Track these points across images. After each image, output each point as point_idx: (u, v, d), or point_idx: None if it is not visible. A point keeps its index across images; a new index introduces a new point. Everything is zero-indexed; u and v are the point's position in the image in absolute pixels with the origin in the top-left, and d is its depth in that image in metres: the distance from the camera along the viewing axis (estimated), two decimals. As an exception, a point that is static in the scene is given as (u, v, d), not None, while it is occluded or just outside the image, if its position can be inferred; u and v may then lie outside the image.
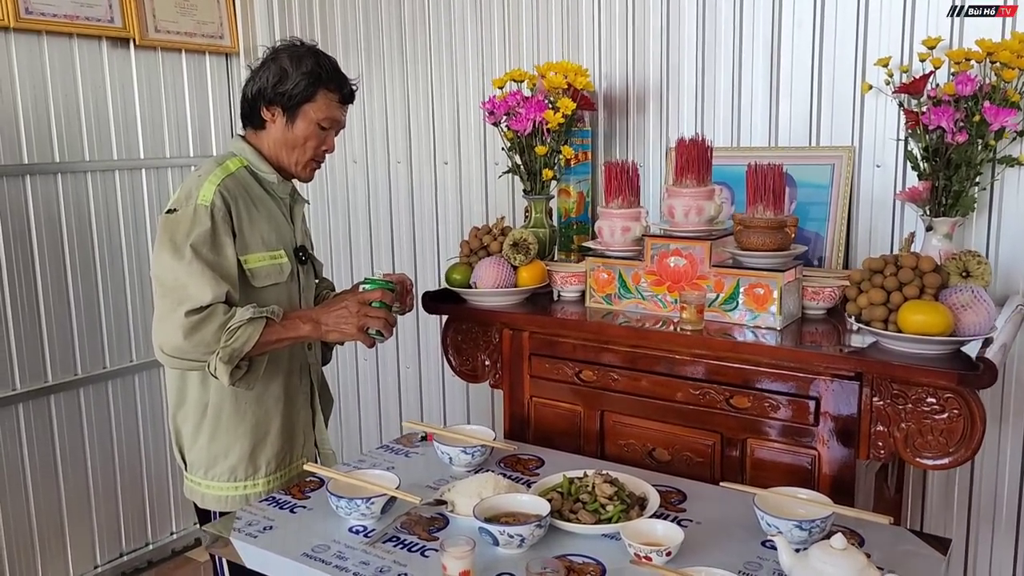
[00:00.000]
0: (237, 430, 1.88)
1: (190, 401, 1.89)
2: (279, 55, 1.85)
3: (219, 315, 1.69)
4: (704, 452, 1.89)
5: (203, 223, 1.73)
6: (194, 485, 1.93)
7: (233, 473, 1.90)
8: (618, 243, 2.06)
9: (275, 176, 1.90)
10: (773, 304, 1.84)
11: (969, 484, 2.20)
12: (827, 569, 1.28)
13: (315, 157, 1.92)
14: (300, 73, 1.82)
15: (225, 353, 1.68)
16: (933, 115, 1.89)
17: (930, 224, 1.98)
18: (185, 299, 1.69)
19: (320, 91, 1.84)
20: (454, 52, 2.88)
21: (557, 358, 2.06)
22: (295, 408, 1.97)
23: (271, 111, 1.85)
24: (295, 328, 1.77)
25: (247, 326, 1.69)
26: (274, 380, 1.90)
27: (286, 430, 1.95)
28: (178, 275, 1.71)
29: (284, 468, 1.96)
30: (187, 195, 1.78)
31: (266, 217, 1.87)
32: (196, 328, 1.67)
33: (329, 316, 1.78)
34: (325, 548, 1.51)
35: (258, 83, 1.85)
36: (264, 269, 1.84)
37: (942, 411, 1.61)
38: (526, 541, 1.46)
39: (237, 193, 1.82)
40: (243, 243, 1.80)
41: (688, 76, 2.43)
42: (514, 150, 2.37)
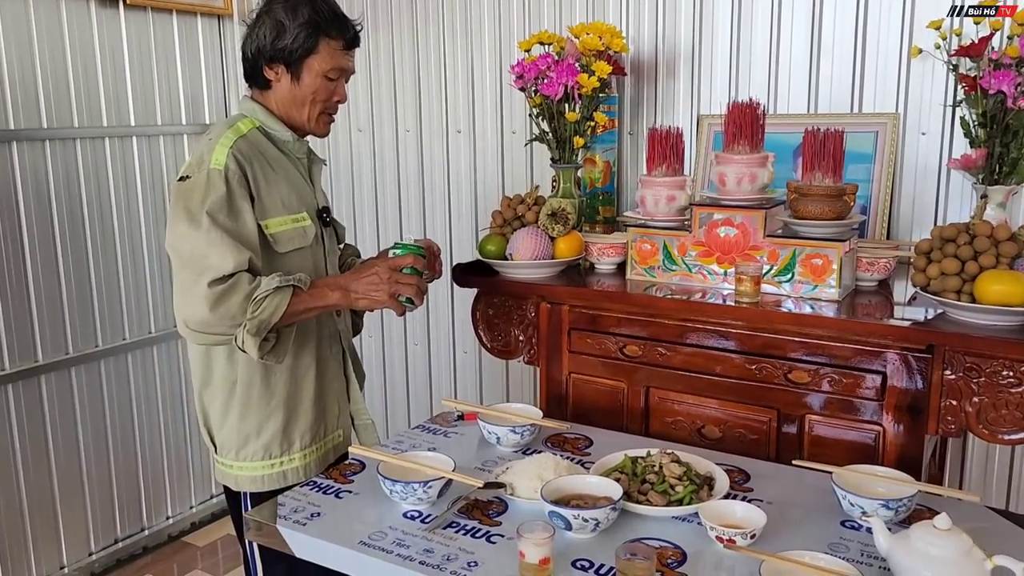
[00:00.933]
0: (269, 405, 1.78)
1: (217, 379, 1.78)
2: (273, 7, 1.73)
3: (244, 284, 1.59)
4: (759, 429, 1.82)
5: (218, 188, 1.63)
6: (226, 468, 1.82)
7: (268, 450, 1.80)
8: (662, 213, 1.97)
9: (290, 135, 1.80)
10: (832, 275, 1.77)
11: (1010, 459, 2.17)
12: (932, 551, 1.21)
13: (326, 110, 1.81)
14: (298, 24, 1.70)
15: (253, 325, 1.58)
16: (993, 79, 1.83)
17: (984, 193, 1.92)
18: (206, 269, 1.58)
19: (322, 40, 1.72)
20: (469, 12, 2.75)
21: (599, 332, 1.97)
22: (327, 378, 1.87)
23: (274, 69, 1.74)
24: (323, 296, 1.67)
25: (274, 295, 1.60)
26: (304, 350, 1.81)
27: (319, 401, 1.85)
28: (196, 245, 1.60)
29: (319, 441, 1.87)
30: (199, 160, 1.68)
31: (284, 179, 1.77)
32: (221, 299, 1.57)
33: (359, 283, 1.69)
34: (382, 535, 1.41)
35: (256, 41, 1.74)
36: (287, 233, 1.73)
37: (1018, 384, 1.56)
38: (600, 525, 1.37)
39: (252, 155, 1.71)
40: (262, 207, 1.70)
41: (722, 38, 2.34)
42: (542, 116, 2.27)
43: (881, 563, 1.29)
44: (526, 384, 2.88)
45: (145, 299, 3.05)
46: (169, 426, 3.18)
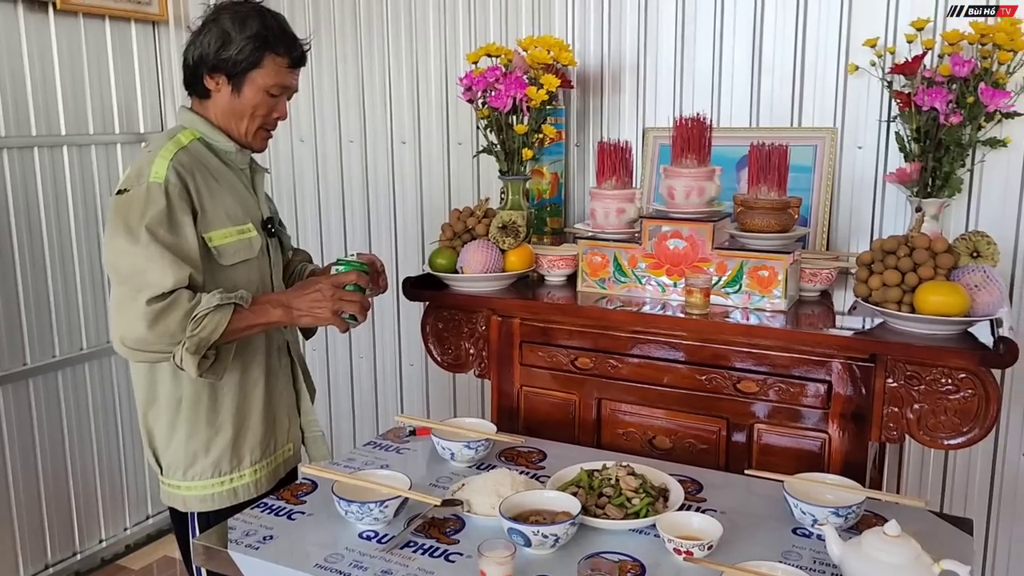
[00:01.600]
0: (216, 421, 1.74)
1: (162, 397, 1.73)
2: (220, 16, 1.70)
3: (184, 302, 1.55)
4: (709, 439, 1.84)
5: (157, 202, 1.59)
6: (172, 489, 1.77)
7: (217, 468, 1.75)
8: (612, 225, 1.99)
9: (232, 145, 1.76)
10: (778, 286, 1.81)
11: (944, 463, 2.25)
12: (882, 557, 1.24)
13: (265, 125, 1.78)
14: (244, 37, 1.67)
15: (192, 343, 1.55)
16: (927, 96, 1.90)
17: (919, 206, 1.99)
18: (145, 286, 1.54)
19: (267, 56, 1.69)
20: (414, 22, 2.74)
21: (550, 345, 1.98)
22: (277, 391, 1.84)
23: (215, 79, 1.71)
24: (265, 313, 1.64)
25: (214, 313, 1.56)
26: (253, 362, 1.77)
27: (269, 415, 1.81)
28: (135, 260, 1.56)
29: (270, 455, 1.83)
30: (138, 173, 1.63)
31: (228, 190, 1.73)
32: (160, 317, 1.53)
33: (302, 300, 1.66)
34: (339, 557, 1.38)
35: (199, 48, 1.70)
36: (232, 246, 1.70)
37: (956, 391, 1.61)
38: (560, 541, 1.37)
39: (193, 167, 1.67)
40: (206, 220, 1.66)
41: (666, 53, 2.38)
42: (490, 128, 2.27)
43: (833, 570, 1.32)
44: (473, 397, 2.87)
45: (76, 314, 2.94)
46: (102, 445, 3.07)
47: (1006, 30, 1.86)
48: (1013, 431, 2.16)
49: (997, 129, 2.00)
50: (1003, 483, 2.19)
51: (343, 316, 1.68)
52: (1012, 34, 1.86)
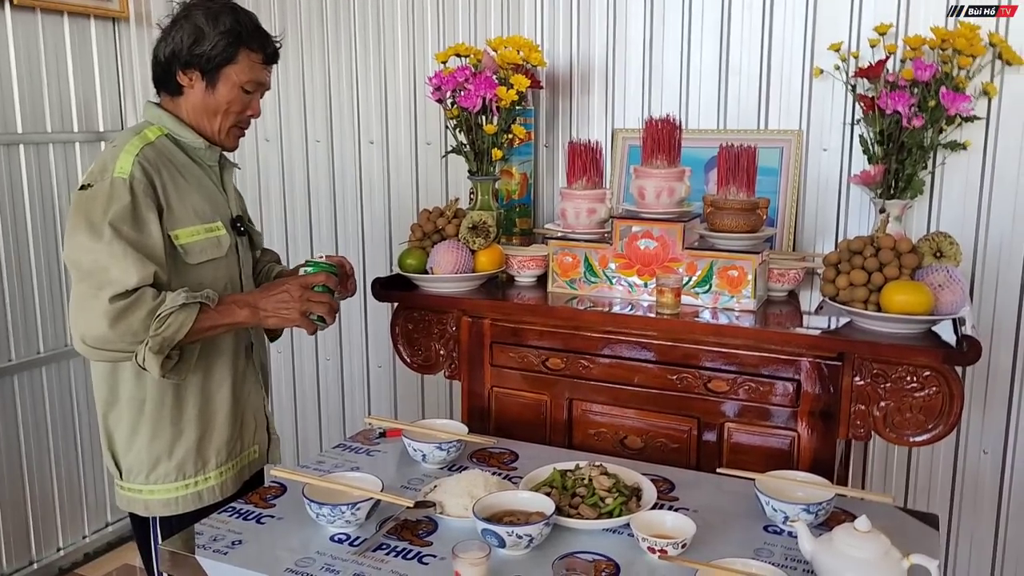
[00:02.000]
0: (181, 422, 1.71)
1: (123, 399, 1.69)
2: (192, 12, 1.68)
3: (148, 300, 1.52)
4: (680, 438, 1.85)
5: (122, 198, 1.56)
6: (133, 494, 1.73)
7: (181, 470, 1.72)
8: (583, 225, 1.99)
9: (201, 142, 1.73)
10: (748, 286, 1.82)
11: (907, 459, 2.29)
12: (853, 552, 1.25)
13: (238, 123, 1.76)
14: (218, 32, 1.66)
15: (155, 343, 1.51)
16: (890, 99, 1.93)
17: (883, 207, 2.02)
18: (107, 283, 1.51)
19: (241, 51, 1.68)
20: (382, 23, 2.72)
21: (521, 345, 1.97)
22: (245, 391, 1.81)
23: (188, 75, 1.69)
24: (231, 314, 1.61)
25: (179, 312, 1.53)
26: (218, 363, 1.74)
27: (236, 416, 1.79)
28: (97, 257, 1.53)
29: (235, 457, 1.80)
30: (102, 168, 1.61)
31: (196, 187, 1.71)
32: (122, 315, 1.50)
33: (269, 301, 1.64)
34: (310, 561, 1.36)
35: (171, 44, 1.68)
36: (199, 244, 1.67)
37: (921, 389, 1.64)
38: (534, 541, 1.37)
39: (160, 163, 1.65)
40: (172, 217, 1.63)
41: (635, 55, 2.39)
42: (460, 128, 2.26)
43: (805, 566, 1.34)
44: (442, 399, 2.86)
45: (33, 317, 2.87)
46: (60, 451, 2.99)
47: (966, 36, 1.90)
48: (974, 428, 2.21)
49: (957, 132, 2.05)
50: (964, 479, 2.24)
51: (311, 317, 1.66)
52: (971, 40, 1.90)
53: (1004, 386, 2.16)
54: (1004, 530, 2.22)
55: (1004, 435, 2.18)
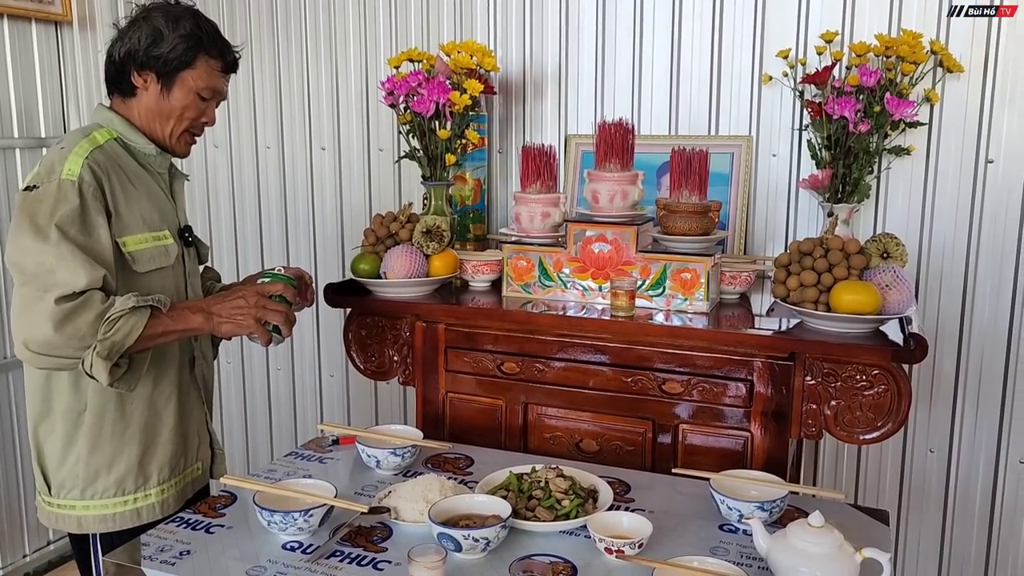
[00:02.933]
0: (124, 435, 1.65)
1: (58, 410, 1.63)
2: (152, 14, 1.65)
3: (96, 303, 1.46)
4: (635, 440, 1.85)
5: (70, 200, 1.50)
6: (63, 510, 1.66)
7: (120, 486, 1.66)
8: (537, 229, 1.99)
9: (152, 148, 1.69)
10: (701, 289, 1.84)
11: (857, 457, 2.33)
12: (808, 547, 1.26)
13: (191, 129, 1.72)
14: (177, 36, 1.63)
15: (104, 347, 1.45)
16: (837, 105, 1.97)
17: (831, 210, 2.06)
18: (54, 285, 1.45)
19: (200, 57, 1.66)
20: (333, 27, 2.69)
21: (476, 350, 1.96)
22: (189, 406, 1.76)
23: (143, 76, 1.65)
24: (184, 319, 1.56)
25: (129, 316, 1.47)
26: (165, 375, 1.69)
27: (180, 431, 1.73)
28: (43, 259, 1.47)
29: (179, 474, 1.74)
30: (49, 169, 1.55)
31: (145, 194, 1.66)
32: (69, 318, 1.44)
33: (223, 307, 1.59)
34: (261, 570, 1.33)
35: (127, 44, 1.64)
36: (147, 252, 1.62)
37: (870, 387, 1.67)
38: (491, 544, 1.35)
39: (109, 167, 1.60)
40: (120, 223, 1.58)
41: (587, 61, 2.41)
42: (413, 134, 2.24)
43: (760, 563, 1.34)
44: (395, 406, 2.82)
45: (-29, 328, 2.77)
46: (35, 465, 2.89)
47: (908, 43, 1.95)
48: (920, 427, 2.25)
49: (901, 138, 2.10)
50: (912, 476, 2.28)
51: (267, 327, 1.61)
52: (914, 47, 1.95)
53: (949, 385, 2.21)
54: (950, 525, 2.27)
55: (949, 434, 2.24)
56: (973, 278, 2.14)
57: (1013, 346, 2.14)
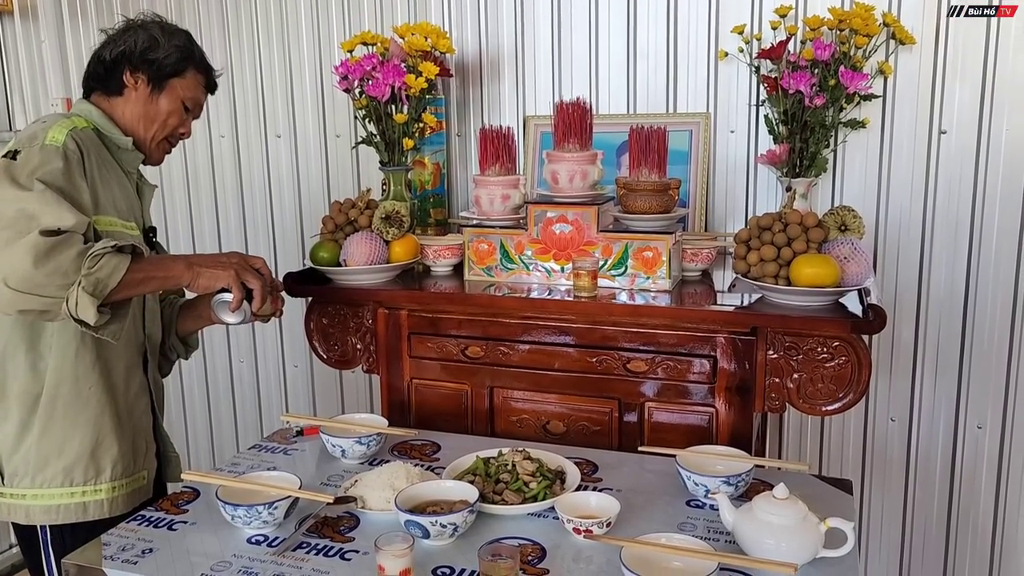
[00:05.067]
0: (77, 419, 1.61)
1: (13, 393, 1.59)
2: (147, 24, 1.71)
3: (78, 241, 1.42)
4: (601, 420, 1.86)
5: (54, 161, 1.49)
6: (14, 500, 1.62)
7: (68, 475, 1.61)
8: (498, 212, 1.98)
9: (128, 141, 1.67)
10: (662, 267, 1.84)
11: (820, 429, 2.36)
12: (773, 519, 1.28)
13: (171, 137, 1.74)
14: (172, 45, 1.68)
15: (89, 283, 1.39)
16: (792, 80, 1.98)
17: (789, 185, 2.07)
18: (37, 226, 1.39)
19: (191, 69, 1.71)
20: (284, 11, 2.64)
21: (440, 335, 1.94)
22: (139, 409, 1.72)
23: (135, 77, 1.66)
24: (165, 266, 1.54)
25: (113, 255, 1.43)
26: (119, 366, 1.66)
27: (128, 431, 1.69)
28: (24, 206, 1.41)
29: (129, 476, 1.69)
30: (31, 137, 1.53)
31: (117, 183, 1.65)
32: (51, 253, 1.38)
33: (204, 258, 1.60)
34: (226, 565, 1.31)
35: (122, 46, 1.66)
36: (117, 235, 1.58)
37: (831, 359, 1.69)
38: (459, 530, 1.35)
39: (89, 148, 1.59)
40: (96, 203, 1.56)
41: (544, 41, 2.39)
42: (369, 118, 2.21)
43: (727, 537, 1.35)
44: (361, 394, 2.80)
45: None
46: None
47: (861, 16, 1.96)
48: (881, 397, 2.29)
49: (857, 111, 2.11)
50: (874, 446, 2.32)
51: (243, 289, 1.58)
52: (867, 20, 1.96)
53: (908, 355, 2.25)
54: (912, 493, 2.31)
55: (909, 403, 2.27)
56: (929, 248, 2.18)
57: (969, 314, 2.17)
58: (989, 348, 2.17)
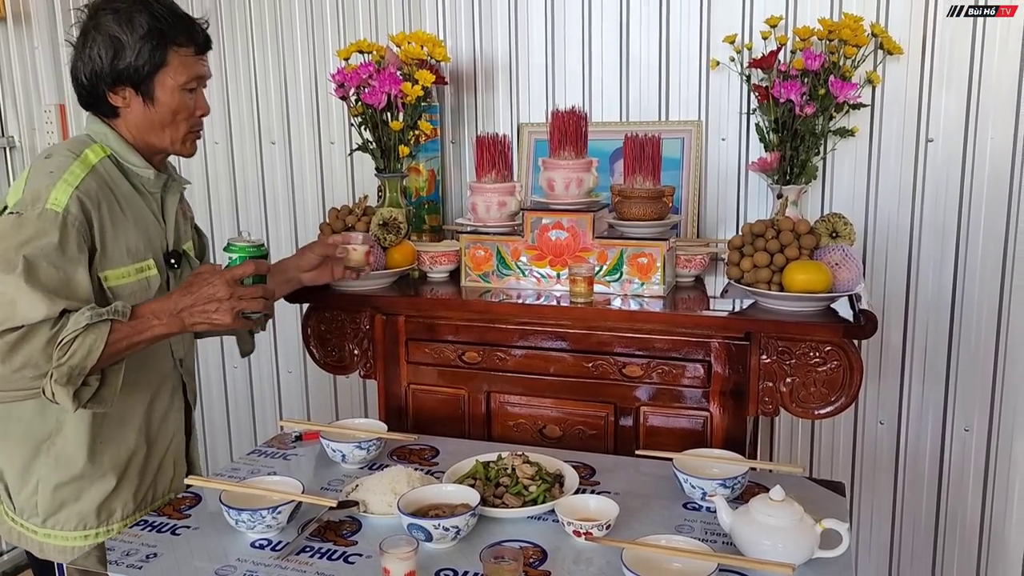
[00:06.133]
0: (95, 467, 1.57)
1: (14, 437, 1.56)
2: (101, 19, 1.50)
3: (44, 330, 1.36)
4: (597, 424, 1.88)
5: (49, 234, 1.40)
6: (27, 532, 1.61)
7: (83, 520, 1.59)
8: (494, 219, 2.00)
9: (150, 171, 1.57)
10: (657, 273, 1.87)
11: (811, 432, 2.39)
12: (770, 521, 1.30)
13: (192, 127, 1.61)
14: (137, 37, 1.49)
15: (61, 373, 1.35)
16: (783, 88, 2.01)
17: (780, 192, 2.10)
18: (6, 318, 1.36)
19: (171, 51, 1.52)
20: (279, 21, 2.66)
21: (437, 341, 1.96)
22: (166, 436, 1.68)
23: (120, 94, 1.53)
24: (149, 328, 1.44)
25: (86, 335, 1.36)
26: (138, 402, 1.61)
27: (152, 464, 1.66)
28: (4, 289, 1.36)
29: (146, 508, 1.68)
30: (35, 197, 1.42)
31: (133, 220, 1.55)
32: (17, 347, 1.35)
33: (194, 305, 1.45)
34: (231, 569, 1.32)
35: (90, 63, 1.50)
36: (128, 287, 1.53)
37: (823, 363, 1.72)
38: (461, 533, 1.37)
39: (101, 197, 1.48)
40: (105, 257, 1.49)
41: (538, 50, 2.41)
42: (365, 126, 2.23)
43: (724, 538, 1.38)
44: (356, 401, 2.81)
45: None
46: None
47: (850, 26, 2.00)
48: (871, 400, 2.32)
49: (846, 119, 2.15)
50: (864, 448, 2.35)
51: (248, 316, 1.50)
52: (856, 30, 2.00)
53: (896, 359, 2.28)
54: (901, 494, 2.35)
55: (898, 406, 2.31)
56: (917, 254, 2.22)
57: (956, 318, 2.21)
58: (976, 352, 2.21)
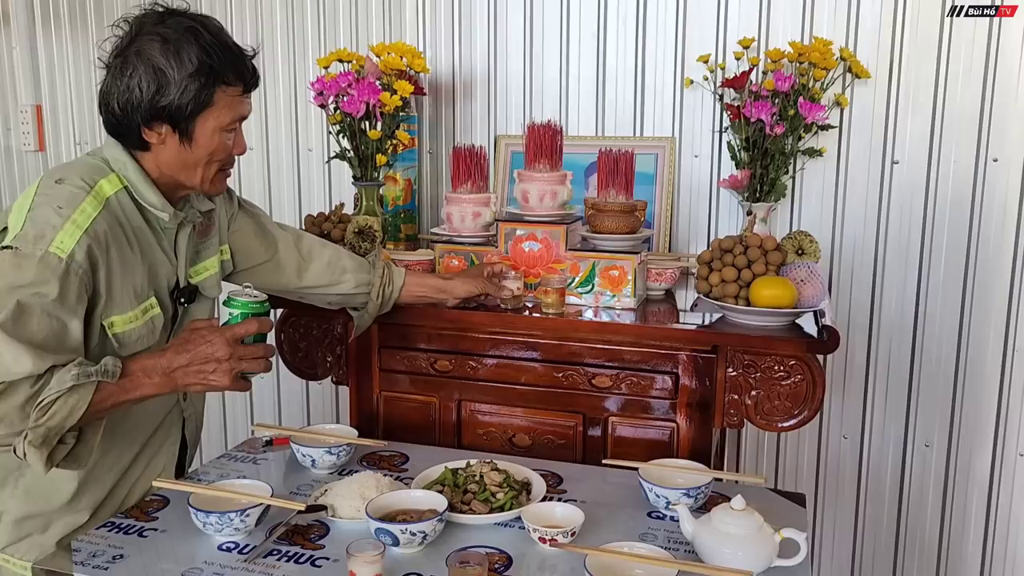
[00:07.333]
0: (71, 505, 1.52)
1: None
2: (144, 46, 1.37)
3: (23, 388, 1.28)
4: (566, 434, 1.91)
5: (48, 282, 1.30)
6: None
7: (44, 551, 1.51)
8: (468, 229, 2.03)
9: (167, 212, 1.47)
10: (628, 285, 1.90)
11: (776, 445, 2.44)
12: (731, 530, 1.33)
13: (224, 167, 1.51)
14: (186, 74, 1.36)
15: (36, 435, 1.26)
16: (754, 108, 2.06)
17: (750, 209, 2.15)
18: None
19: (219, 91, 1.40)
20: (260, 27, 2.67)
21: (409, 349, 1.98)
22: (155, 470, 1.64)
23: (156, 131, 1.41)
24: (138, 387, 1.36)
25: (68, 396, 1.28)
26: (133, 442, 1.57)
27: (131, 502, 1.60)
28: None
29: None
30: (39, 234, 1.31)
31: (142, 257, 1.47)
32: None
33: (189, 365, 1.38)
34: (198, 572, 1.33)
35: (128, 93, 1.38)
36: (134, 333, 1.45)
37: (788, 377, 1.76)
38: (428, 538, 1.38)
39: (110, 239, 1.39)
40: (111, 304, 1.40)
41: (516, 63, 2.45)
42: (343, 134, 2.25)
43: (687, 547, 1.41)
44: (327, 406, 2.82)
45: None
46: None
47: (820, 50, 2.06)
48: (835, 415, 2.37)
49: (814, 140, 2.20)
50: (827, 461, 2.40)
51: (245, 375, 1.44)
52: (825, 54, 2.06)
53: (860, 375, 2.33)
54: (863, 507, 2.39)
55: (861, 421, 2.36)
56: (881, 272, 2.27)
57: (918, 336, 2.27)
58: (937, 369, 2.27)
